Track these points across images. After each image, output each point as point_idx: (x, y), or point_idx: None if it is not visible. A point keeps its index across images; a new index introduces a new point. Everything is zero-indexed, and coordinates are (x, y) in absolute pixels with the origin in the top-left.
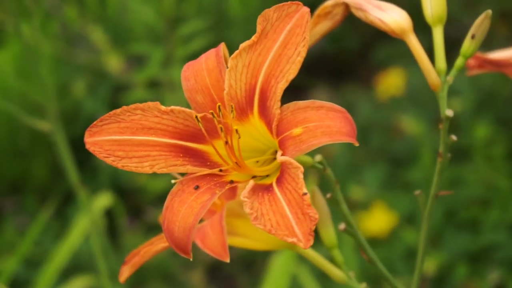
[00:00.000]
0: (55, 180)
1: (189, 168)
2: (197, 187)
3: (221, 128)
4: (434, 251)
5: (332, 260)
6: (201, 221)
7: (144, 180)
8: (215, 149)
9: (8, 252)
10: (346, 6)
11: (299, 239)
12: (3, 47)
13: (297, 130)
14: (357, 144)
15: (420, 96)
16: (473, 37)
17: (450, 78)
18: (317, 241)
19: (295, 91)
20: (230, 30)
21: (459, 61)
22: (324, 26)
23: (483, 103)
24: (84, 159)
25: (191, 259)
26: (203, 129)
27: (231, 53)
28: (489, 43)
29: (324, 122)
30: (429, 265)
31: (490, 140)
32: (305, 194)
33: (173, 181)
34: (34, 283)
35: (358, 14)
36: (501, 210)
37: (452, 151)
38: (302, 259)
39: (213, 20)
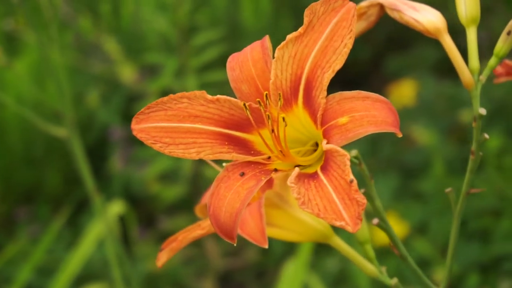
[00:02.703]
0: (68, 189)
1: (234, 155)
2: (242, 174)
3: (268, 116)
4: (445, 260)
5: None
6: None
7: (157, 188)
8: (261, 137)
9: (21, 260)
10: (381, 7)
11: (347, 223)
12: (19, 57)
13: (343, 119)
14: (400, 135)
15: (432, 107)
16: (509, 33)
17: (483, 77)
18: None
19: None
20: (243, 41)
21: (492, 61)
22: (359, 26)
23: (495, 114)
24: (97, 168)
25: (235, 245)
26: (251, 118)
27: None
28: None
29: (370, 112)
30: (440, 275)
31: (502, 150)
32: (352, 180)
33: (224, 164)
34: None
35: (393, 14)
36: None
37: (464, 161)
38: (313, 267)
39: (227, 31)
